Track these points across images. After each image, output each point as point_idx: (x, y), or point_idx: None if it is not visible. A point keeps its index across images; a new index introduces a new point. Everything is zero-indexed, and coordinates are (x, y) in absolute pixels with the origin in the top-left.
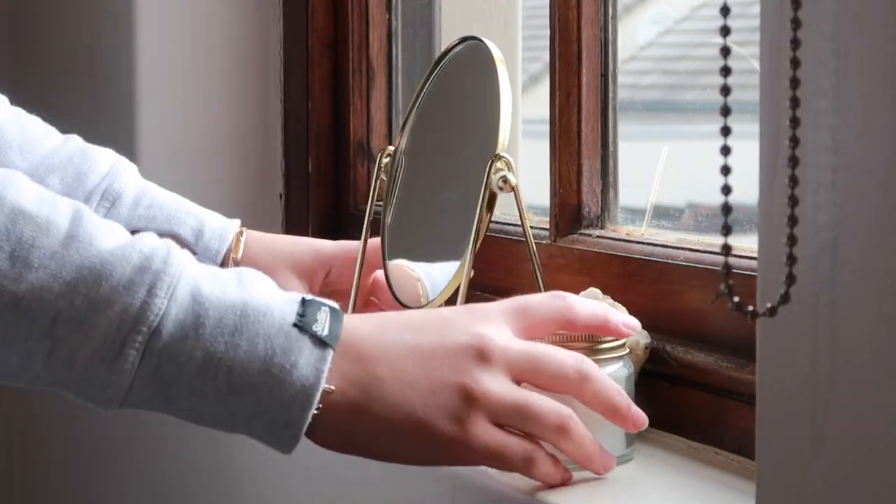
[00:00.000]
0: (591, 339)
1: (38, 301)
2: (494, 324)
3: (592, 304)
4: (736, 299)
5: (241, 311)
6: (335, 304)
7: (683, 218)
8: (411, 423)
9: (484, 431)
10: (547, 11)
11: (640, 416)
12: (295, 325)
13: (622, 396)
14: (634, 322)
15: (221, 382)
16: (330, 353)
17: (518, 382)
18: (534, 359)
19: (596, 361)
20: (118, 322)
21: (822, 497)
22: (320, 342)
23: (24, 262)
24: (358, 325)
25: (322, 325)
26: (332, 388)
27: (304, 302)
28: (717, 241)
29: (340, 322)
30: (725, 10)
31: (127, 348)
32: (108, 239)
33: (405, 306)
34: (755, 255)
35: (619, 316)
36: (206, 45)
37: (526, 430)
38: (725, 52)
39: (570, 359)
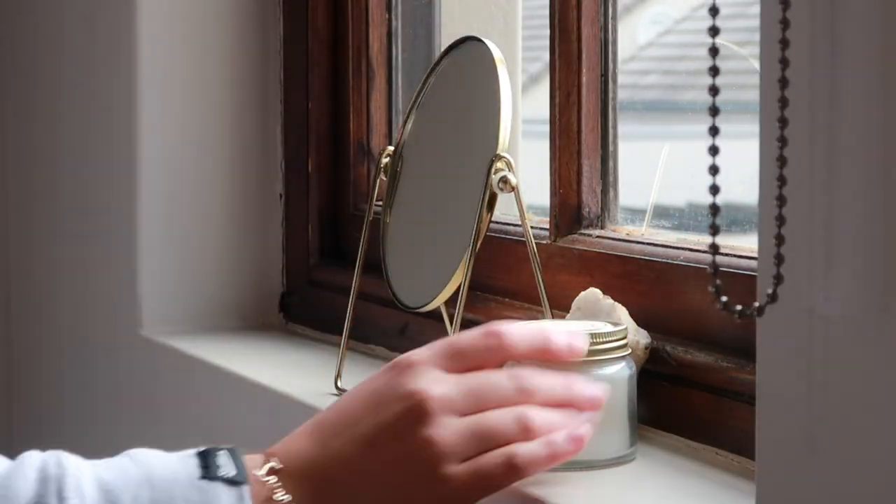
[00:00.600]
0: (589, 341)
1: None
2: (423, 374)
3: (530, 332)
4: (724, 299)
5: (150, 484)
6: (229, 445)
7: (672, 217)
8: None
9: (458, 473)
10: (547, 11)
11: (595, 393)
12: (202, 477)
13: (571, 387)
14: (580, 344)
15: None
16: (246, 489)
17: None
18: (474, 394)
19: (597, 363)
20: None
21: (822, 496)
22: (232, 482)
23: None
24: (302, 448)
25: (227, 468)
26: None
27: (199, 454)
28: (717, 240)
29: (240, 457)
30: (714, 11)
31: None
32: None
33: (405, 306)
34: (755, 255)
35: (561, 339)
36: (205, 44)
37: (494, 447)
38: (714, 52)
39: (506, 380)
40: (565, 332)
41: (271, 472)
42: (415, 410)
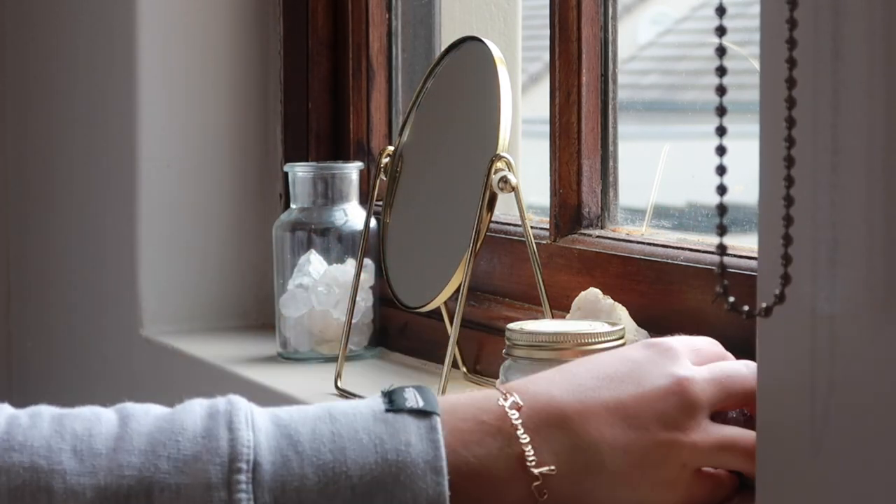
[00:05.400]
0: (585, 341)
1: (122, 482)
2: (683, 361)
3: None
4: (731, 299)
5: (330, 418)
6: (416, 384)
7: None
8: (630, 488)
9: (694, 484)
10: (547, 11)
11: None
12: (387, 410)
13: None
14: None
15: (345, 491)
16: (437, 420)
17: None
18: (724, 388)
19: None
20: (213, 470)
21: (823, 497)
22: (421, 413)
23: (90, 452)
24: (550, 389)
25: (414, 401)
26: (553, 468)
27: (384, 393)
28: (716, 240)
29: (429, 392)
30: (721, 10)
31: (235, 494)
32: (159, 409)
33: (405, 306)
34: (756, 255)
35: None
36: (206, 45)
37: (739, 465)
38: (721, 51)
39: (745, 369)
40: None
41: (515, 406)
42: (681, 395)
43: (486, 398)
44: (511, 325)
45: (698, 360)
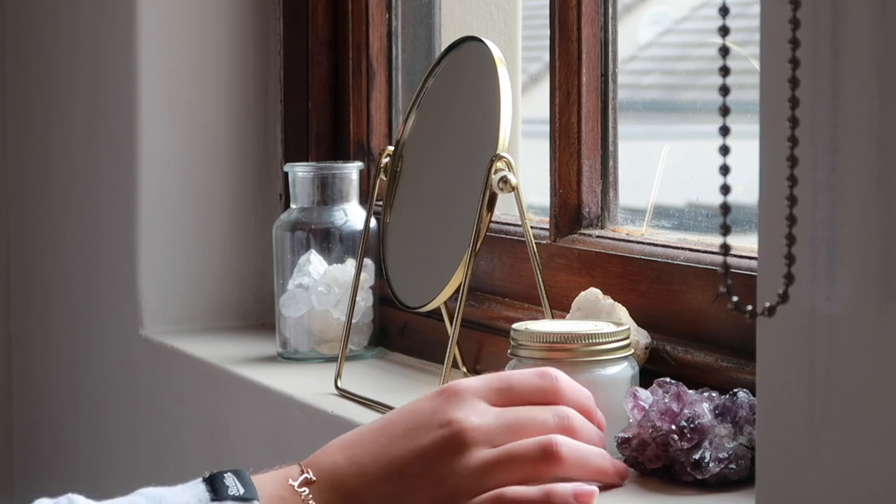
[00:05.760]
0: (592, 341)
1: None
2: (467, 404)
3: (580, 389)
4: (735, 299)
5: None
6: (233, 468)
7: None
8: None
9: None
10: (547, 11)
11: (623, 467)
12: (213, 500)
13: (604, 459)
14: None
15: None
16: None
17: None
18: (512, 428)
19: (601, 363)
20: None
21: (822, 495)
22: (242, 500)
23: None
24: (336, 462)
25: (235, 488)
26: None
27: (206, 480)
28: (717, 240)
29: (246, 476)
30: (724, 10)
31: None
32: None
33: (405, 306)
34: (756, 254)
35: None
36: (206, 45)
37: (517, 479)
38: (724, 51)
39: (550, 416)
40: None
41: (305, 483)
42: (451, 440)
43: (286, 476)
44: (516, 326)
45: (503, 399)
